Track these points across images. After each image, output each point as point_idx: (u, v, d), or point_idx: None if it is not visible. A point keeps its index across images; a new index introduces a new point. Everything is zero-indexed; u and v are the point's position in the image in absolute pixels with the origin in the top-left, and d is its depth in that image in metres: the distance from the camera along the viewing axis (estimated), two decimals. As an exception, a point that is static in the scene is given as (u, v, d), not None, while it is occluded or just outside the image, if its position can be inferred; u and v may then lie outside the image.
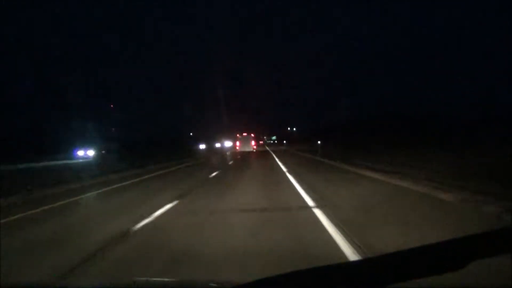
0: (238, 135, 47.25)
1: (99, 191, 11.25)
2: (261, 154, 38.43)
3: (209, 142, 75.98)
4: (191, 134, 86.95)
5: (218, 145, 75.60)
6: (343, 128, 50.66)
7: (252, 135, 47.33)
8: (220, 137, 79.21)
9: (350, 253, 3.86)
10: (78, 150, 46.74)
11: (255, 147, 47.28)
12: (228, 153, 46.91)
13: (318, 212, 6.16)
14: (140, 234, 5.25)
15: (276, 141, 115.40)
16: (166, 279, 2.73)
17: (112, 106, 60.11)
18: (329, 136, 49.66)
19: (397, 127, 36.72)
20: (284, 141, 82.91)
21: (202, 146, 70.19)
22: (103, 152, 47.20)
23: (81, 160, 37.78)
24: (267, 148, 66.52)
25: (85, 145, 47.41)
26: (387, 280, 0.93)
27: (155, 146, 53.22)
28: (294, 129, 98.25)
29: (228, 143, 70.23)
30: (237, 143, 46.56)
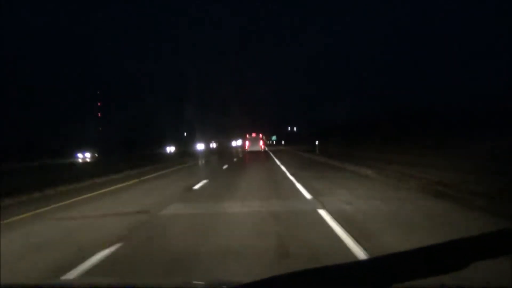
0: (247, 135, 50.19)
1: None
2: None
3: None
4: (185, 134, 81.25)
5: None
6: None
7: (261, 135, 50.03)
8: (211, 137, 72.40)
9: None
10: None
11: (263, 146, 49.39)
12: (200, 161, 28.45)
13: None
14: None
15: (282, 142, 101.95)
16: (166, 281, 2.70)
17: (99, 104, 56.14)
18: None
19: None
20: (317, 142, 56.93)
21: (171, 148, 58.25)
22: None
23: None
24: (272, 155, 34.72)
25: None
26: (389, 280, 0.95)
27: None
28: (294, 128, 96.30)
29: (200, 145, 61.41)
30: (246, 143, 49.17)
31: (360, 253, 3.86)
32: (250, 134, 49.72)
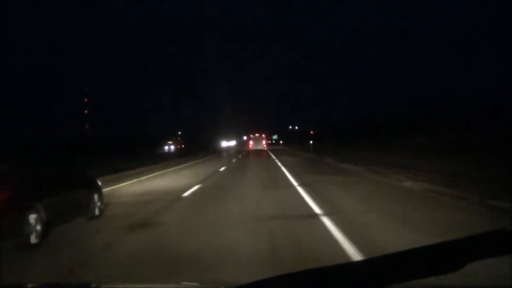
0: (251, 135, 55.89)
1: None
2: None
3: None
4: (179, 133, 75.40)
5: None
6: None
7: (263, 135, 55.00)
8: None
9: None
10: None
11: (265, 146, 53.62)
12: None
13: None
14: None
15: (296, 142, 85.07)
16: (167, 283, 2.67)
17: (86, 100, 54.55)
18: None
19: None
20: None
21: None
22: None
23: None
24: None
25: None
26: (387, 280, 0.94)
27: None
28: (296, 127, 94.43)
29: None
30: (250, 142, 53.99)
31: None
32: (254, 134, 54.80)
